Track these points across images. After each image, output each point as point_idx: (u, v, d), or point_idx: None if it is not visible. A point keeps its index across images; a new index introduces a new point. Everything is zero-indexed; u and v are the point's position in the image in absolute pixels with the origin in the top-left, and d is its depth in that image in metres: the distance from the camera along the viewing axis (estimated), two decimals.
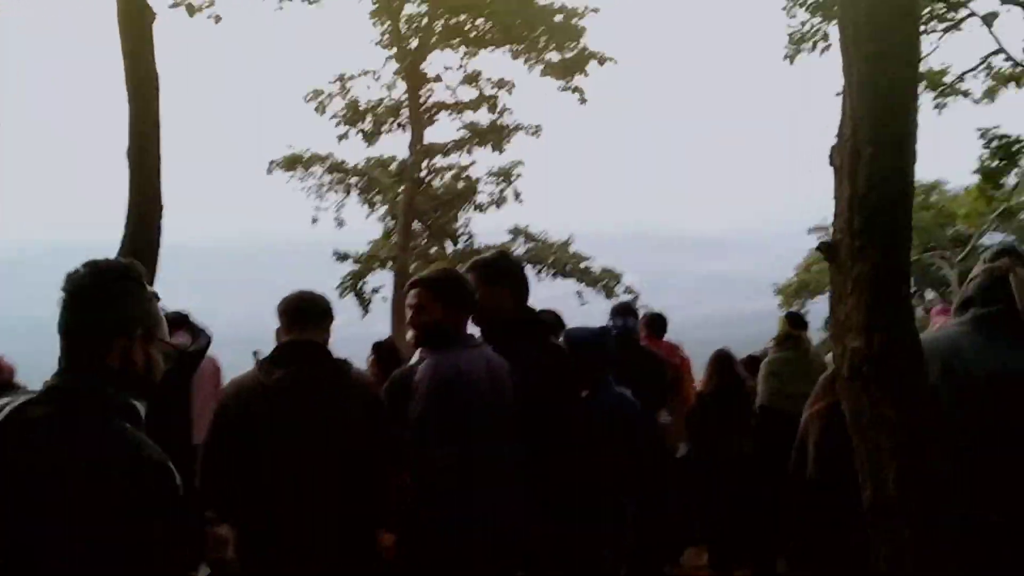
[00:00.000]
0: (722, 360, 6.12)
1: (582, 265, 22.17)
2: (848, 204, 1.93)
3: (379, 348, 7.11)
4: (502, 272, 3.66)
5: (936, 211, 28.00)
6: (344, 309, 21.65)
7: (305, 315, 3.44)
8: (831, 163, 2.01)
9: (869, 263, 1.89)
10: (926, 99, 14.25)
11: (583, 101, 20.48)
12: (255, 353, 5.27)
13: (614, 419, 3.88)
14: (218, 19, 12.37)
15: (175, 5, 11.81)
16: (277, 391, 3.20)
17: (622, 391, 4.03)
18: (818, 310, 28.03)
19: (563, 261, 22.19)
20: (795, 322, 7.00)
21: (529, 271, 21.90)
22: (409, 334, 3.44)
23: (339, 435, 3.18)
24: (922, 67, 12.35)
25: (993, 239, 25.03)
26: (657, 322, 6.82)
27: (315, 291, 3.61)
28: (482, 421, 3.10)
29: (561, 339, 4.12)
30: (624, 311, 6.01)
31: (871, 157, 1.87)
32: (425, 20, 20.00)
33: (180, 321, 6.24)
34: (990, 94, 14.93)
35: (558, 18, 20.34)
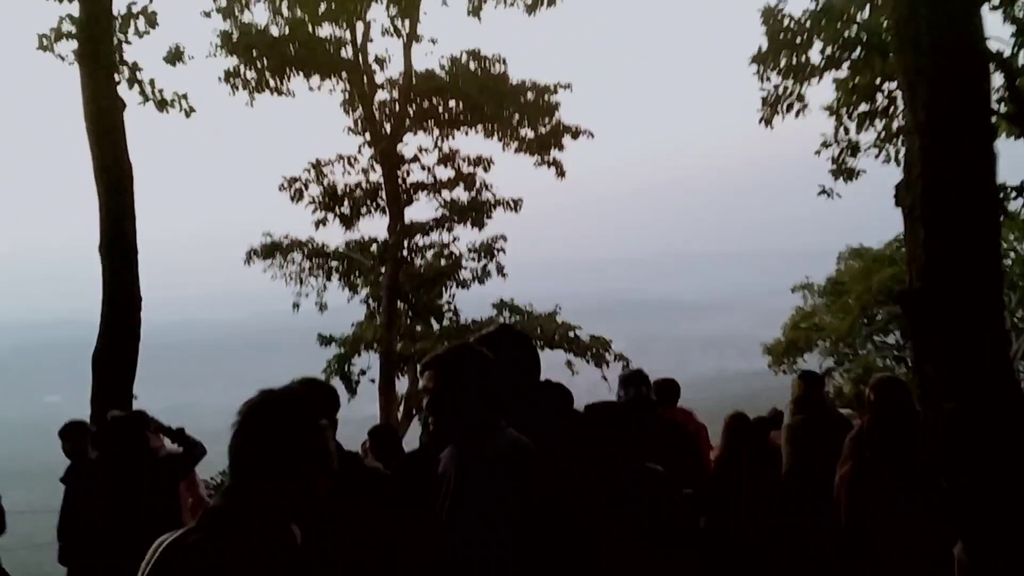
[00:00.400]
0: (738, 424, 5.89)
1: (570, 334, 21.97)
2: (925, 249, 1.74)
3: (377, 434, 6.80)
4: (514, 346, 3.41)
5: None
6: None
7: None
8: (897, 204, 1.83)
9: (958, 315, 1.69)
10: None
11: (561, 175, 20.55)
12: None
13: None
14: (189, 112, 12.32)
15: (144, 101, 11.75)
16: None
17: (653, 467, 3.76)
18: (810, 367, 27.87)
19: (550, 332, 21.98)
20: (811, 383, 6.76)
21: None
22: (420, 420, 3.18)
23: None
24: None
25: None
26: (669, 389, 6.56)
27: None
28: (514, 518, 2.78)
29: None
30: (636, 379, 5.74)
31: (949, 197, 1.70)
32: (396, 106, 20.15)
33: (176, 436, 6.13)
34: None
35: (530, 95, 20.55)
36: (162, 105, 11.95)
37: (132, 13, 10.80)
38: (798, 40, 13.95)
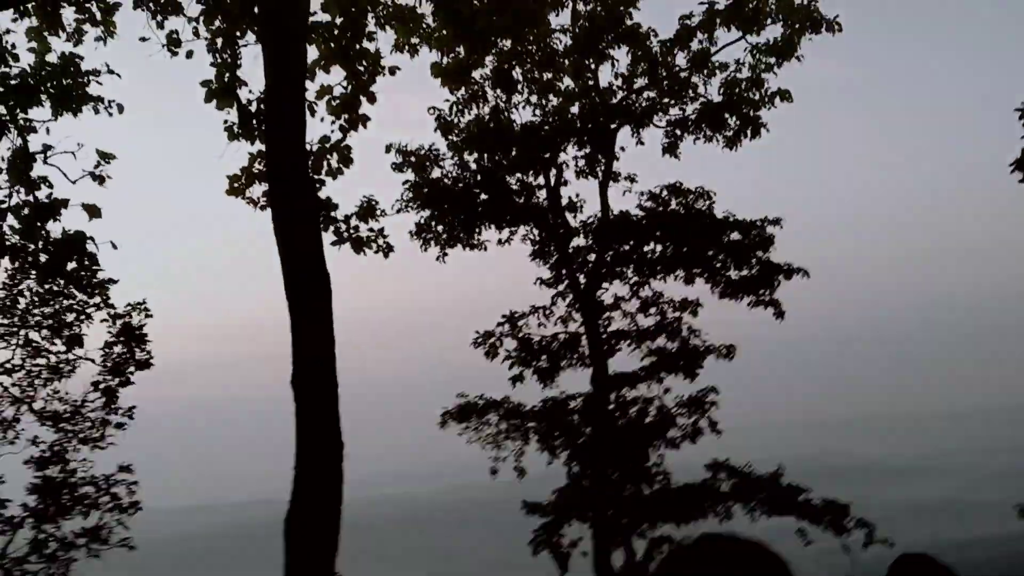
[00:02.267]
0: None
1: (801, 498, 19.27)
2: None
3: None
4: None
5: None
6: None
7: None
8: None
9: None
10: None
11: (779, 316, 18.57)
12: None
13: None
14: (388, 252, 11.30)
15: (337, 242, 10.87)
16: None
17: None
18: None
19: (776, 496, 19.37)
20: None
21: (738, 510, 19.41)
22: None
23: None
24: None
25: None
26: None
27: None
28: None
29: None
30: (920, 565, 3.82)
31: None
32: (593, 251, 19.05)
33: None
34: None
35: (734, 235, 19.00)
36: (359, 245, 11.04)
37: (326, 147, 10.10)
38: None
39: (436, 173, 18.74)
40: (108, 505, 13.44)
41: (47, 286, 12.53)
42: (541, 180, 18.51)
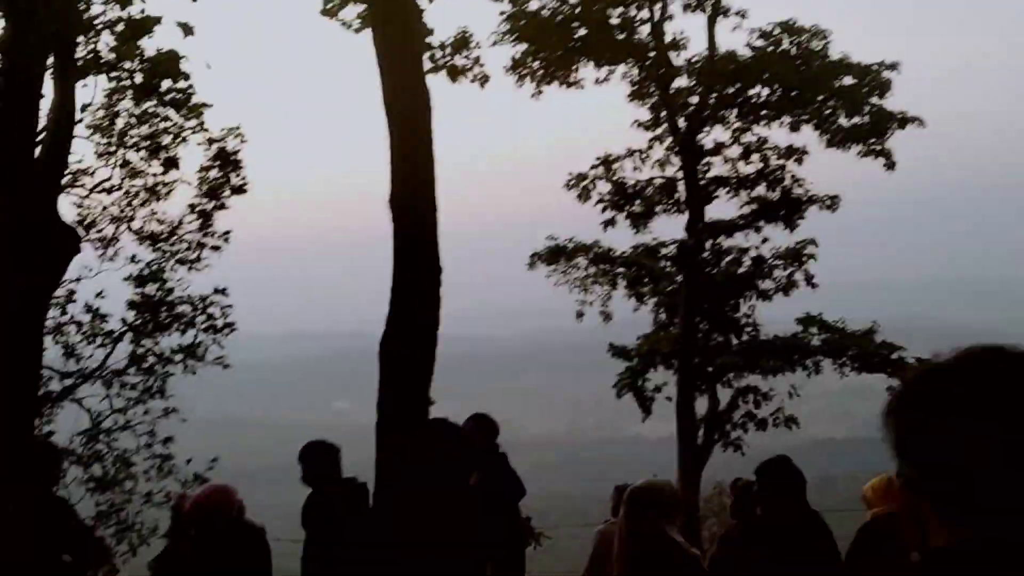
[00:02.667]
0: None
1: (894, 356, 18.77)
2: None
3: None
4: None
5: None
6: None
7: None
8: None
9: None
10: None
11: (890, 167, 17.57)
12: None
13: None
14: (484, 81, 10.83)
15: (432, 70, 10.40)
16: None
17: None
18: None
19: (869, 353, 18.90)
20: None
21: (827, 364, 19.05)
22: None
23: None
24: None
25: None
26: None
27: None
28: None
29: None
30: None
31: None
32: (698, 91, 18.10)
33: None
34: None
35: (847, 79, 17.80)
36: (454, 73, 10.57)
37: None
38: None
39: (534, 5, 17.86)
40: (204, 324, 13.74)
41: (143, 106, 12.44)
42: (645, 14, 17.46)
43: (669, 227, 18.97)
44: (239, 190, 13.98)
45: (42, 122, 8.13)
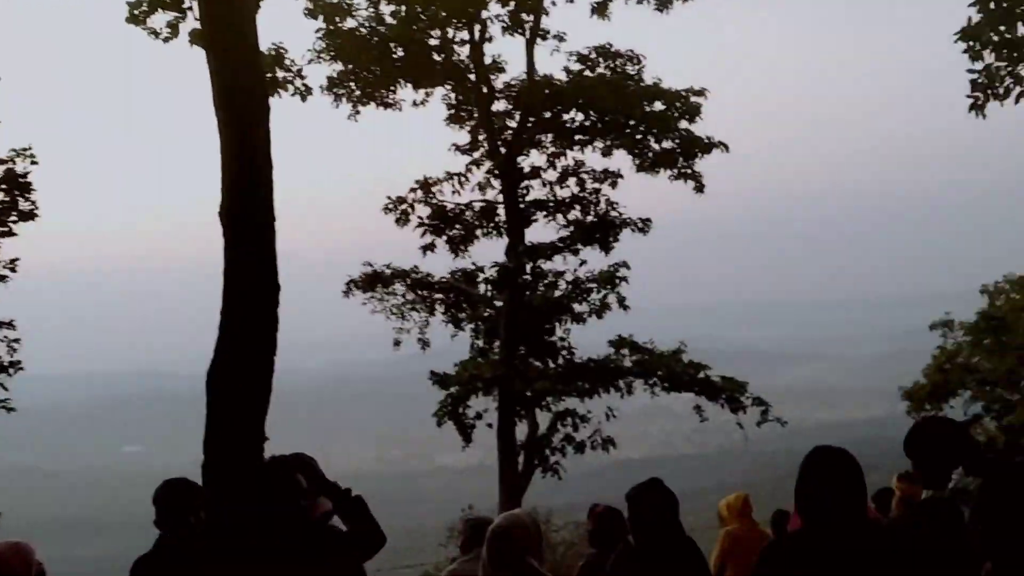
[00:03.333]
0: None
1: (700, 375, 19.44)
2: None
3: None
4: None
5: None
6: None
7: None
8: None
9: None
10: None
11: (699, 190, 18.28)
12: None
13: None
14: (305, 95, 10.27)
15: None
16: None
17: None
18: (955, 413, 24.89)
19: (676, 372, 19.49)
20: None
21: (638, 385, 19.48)
22: None
23: None
24: None
25: None
26: None
27: None
28: None
29: None
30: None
31: None
32: (517, 114, 18.21)
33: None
34: None
35: (658, 104, 18.41)
36: (273, 86, 9.93)
37: None
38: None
39: (351, 23, 17.37)
40: None
41: None
42: (464, 35, 17.35)
43: (488, 251, 18.90)
44: (28, 216, 12.76)
45: None
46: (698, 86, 18.23)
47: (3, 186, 12.49)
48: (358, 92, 17.42)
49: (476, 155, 18.92)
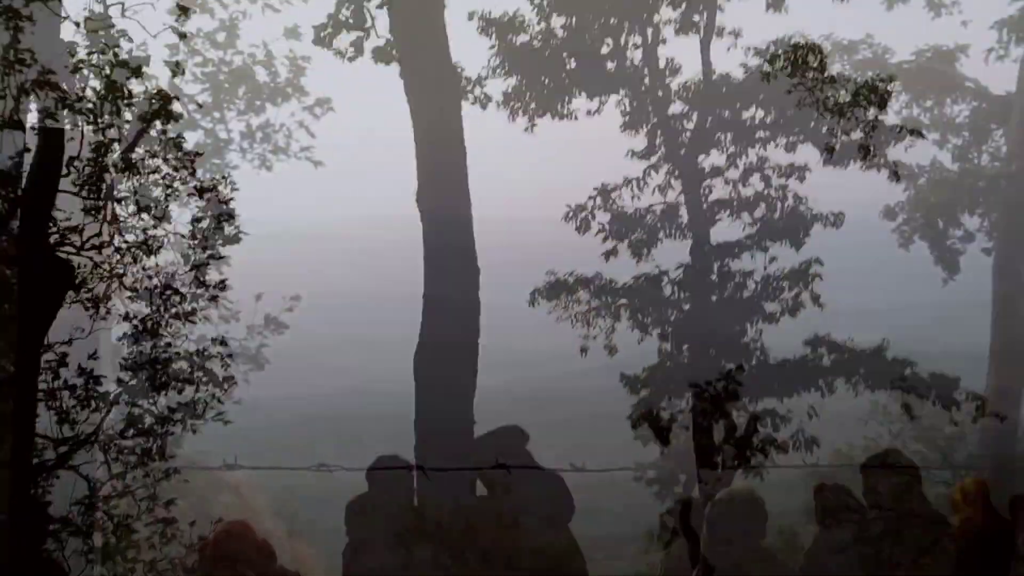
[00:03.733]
0: None
1: (906, 372, 18.53)
2: None
3: None
4: None
5: None
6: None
7: None
8: None
9: None
10: None
11: (895, 178, 17.49)
12: None
13: None
14: (485, 104, 10.49)
15: None
16: None
17: None
18: None
19: (879, 371, 18.66)
20: None
21: (840, 384, 18.73)
22: None
23: None
24: None
25: None
26: None
27: None
28: None
29: None
30: None
31: None
32: (693, 116, 18.09)
33: None
34: None
35: (843, 93, 17.67)
36: None
37: None
38: None
39: (523, 38, 17.83)
40: (203, 379, 13.25)
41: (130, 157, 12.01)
42: (637, 39, 17.40)
43: (672, 254, 18.75)
44: (233, 240, 13.61)
45: None
46: (885, 74, 17.48)
47: (209, 213, 13.23)
48: (533, 104, 17.81)
49: (653, 159, 18.91)
